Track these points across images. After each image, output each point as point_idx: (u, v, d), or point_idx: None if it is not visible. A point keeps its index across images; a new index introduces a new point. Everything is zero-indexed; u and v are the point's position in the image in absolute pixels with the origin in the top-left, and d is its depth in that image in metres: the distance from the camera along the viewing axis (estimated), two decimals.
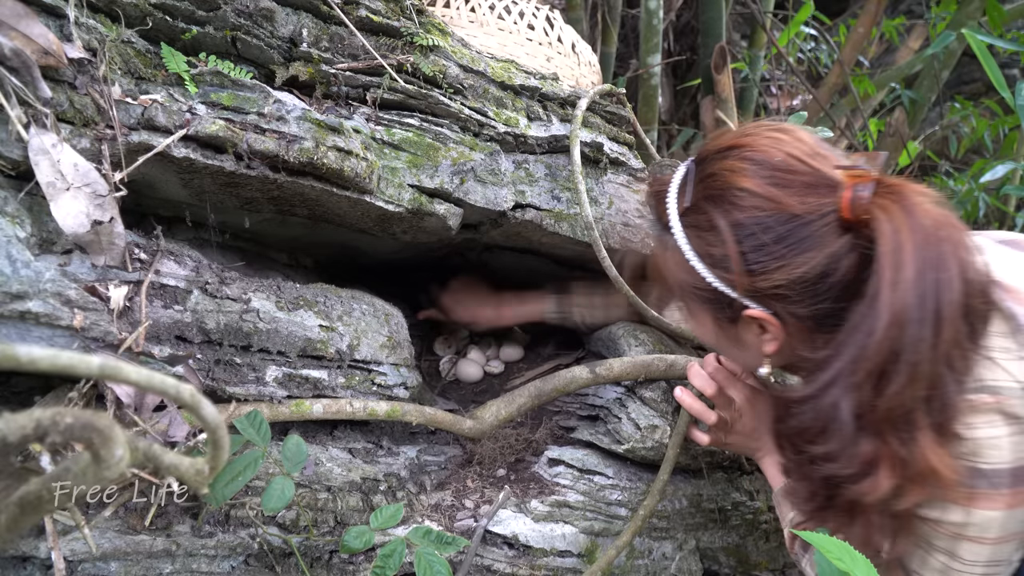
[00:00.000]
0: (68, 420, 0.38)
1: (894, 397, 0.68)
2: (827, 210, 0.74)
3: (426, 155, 1.03)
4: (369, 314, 1.02)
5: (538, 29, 1.34)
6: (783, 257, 0.74)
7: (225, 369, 0.87)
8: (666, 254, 0.85)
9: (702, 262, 0.80)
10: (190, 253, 0.92)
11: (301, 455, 0.84)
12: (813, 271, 0.74)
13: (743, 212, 0.76)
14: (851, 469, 0.71)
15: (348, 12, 1.02)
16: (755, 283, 0.76)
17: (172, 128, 0.84)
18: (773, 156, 0.77)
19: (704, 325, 0.88)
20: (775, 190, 0.75)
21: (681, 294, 0.87)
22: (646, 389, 1.16)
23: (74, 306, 0.76)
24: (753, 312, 0.79)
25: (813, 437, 0.73)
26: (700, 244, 0.80)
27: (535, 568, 1.02)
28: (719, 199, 0.78)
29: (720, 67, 2.16)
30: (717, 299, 0.81)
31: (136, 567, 0.81)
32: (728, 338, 0.86)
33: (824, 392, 0.72)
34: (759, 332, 0.82)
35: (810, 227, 0.74)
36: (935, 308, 0.67)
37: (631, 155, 1.30)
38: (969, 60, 2.95)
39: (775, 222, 0.74)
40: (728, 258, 0.77)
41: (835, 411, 0.70)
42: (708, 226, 0.79)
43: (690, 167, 0.84)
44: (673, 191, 0.84)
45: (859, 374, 0.69)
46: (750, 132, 0.80)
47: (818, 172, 0.76)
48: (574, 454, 1.14)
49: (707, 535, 1.21)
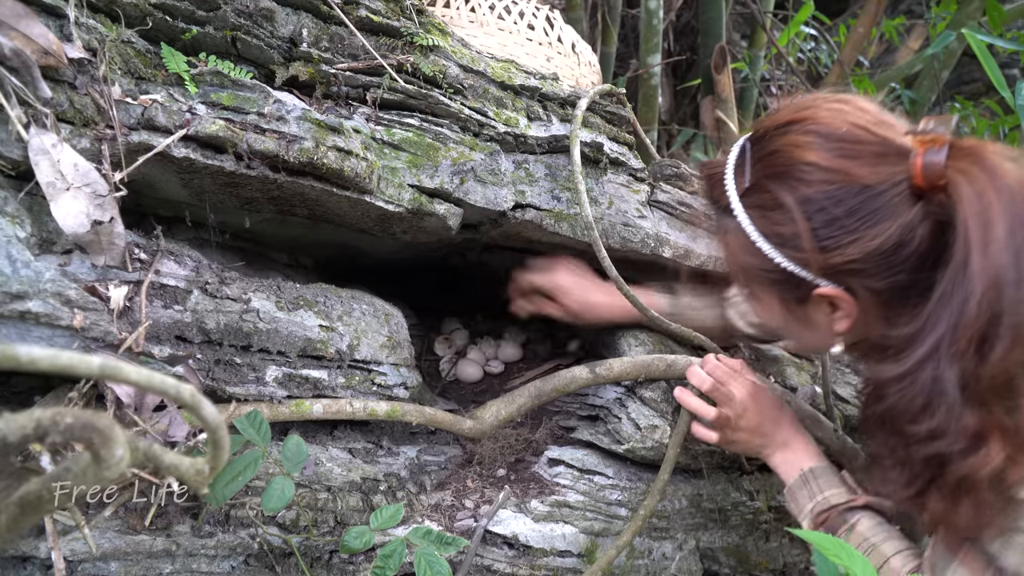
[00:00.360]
0: (68, 420, 0.38)
1: (998, 363, 0.65)
2: (899, 179, 0.72)
3: (426, 155, 1.03)
4: (369, 314, 1.02)
5: (538, 29, 1.34)
6: (856, 230, 0.72)
7: (225, 369, 0.87)
8: (727, 237, 0.83)
9: (769, 242, 0.78)
10: (190, 253, 0.92)
11: (301, 455, 0.84)
12: (888, 242, 0.72)
13: (811, 187, 0.74)
14: (960, 444, 0.68)
15: (348, 12, 1.02)
16: (828, 259, 0.74)
17: (172, 128, 0.84)
18: (838, 127, 0.74)
19: (770, 308, 0.85)
20: (844, 162, 0.73)
21: (745, 277, 0.85)
22: (646, 389, 1.16)
23: (74, 306, 0.76)
24: (825, 290, 0.77)
25: (915, 415, 0.70)
26: (766, 224, 0.78)
27: (535, 568, 1.02)
28: (784, 176, 0.76)
29: (720, 67, 2.16)
30: (786, 279, 0.79)
31: (136, 567, 0.81)
32: (797, 319, 0.84)
33: (922, 366, 0.69)
34: (830, 311, 0.80)
35: (882, 197, 0.72)
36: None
37: (631, 155, 1.30)
38: (969, 60, 2.95)
39: (846, 194, 0.72)
40: (798, 236, 0.75)
41: (938, 384, 0.68)
42: (774, 205, 0.76)
43: (745, 146, 0.82)
44: (730, 172, 0.82)
45: (960, 342, 0.66)
46: (809, 105, 0.78)
47: (886, 140, 0.74)
48: (574, 454, 1.15)
49: (707, 535, 1.21)
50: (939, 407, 0.68)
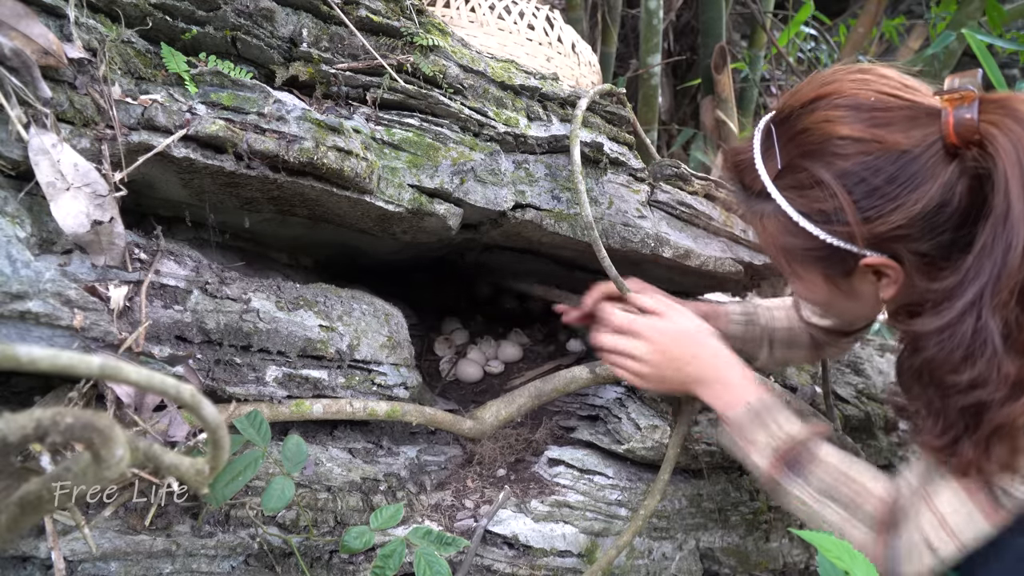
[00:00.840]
0: (68, 420, 0.38)
1: None
2: (933, 139, 0.72)
3: (426, 155, 1.03)
4: (369, 314, 1.02)
5: (538, 29, 1.34)
6: (898, 197, 0.72)
7: (225, 369, 0.87)
8: (763, 222, 0.83)
9: (811, 221, 0.78)
10: (190, 253, 0.92)
11: (301, 455, 0.84)
12: (931, 204, 0.72)
13: (848, 160, 0.74)
14: (1001, 392, 0.68)
15: (348, 12, 1.02)
16: (873, 229, 0.74)
17: (172, 128, 0.84)
18: (866, 97, 0.75)
19: (814, 285, 0.85)
20: (877, 131, 0.73)
21: (787, 259, 0.84)
22: None
23: (74, 306, 0.76)
24: (871, 260, 0.77)
25: (956, 366, 0.71)
26: (805, 203, 0.78)
27: (535, 568, 1.02)
28: (819, 153, 0.76)
29: (720, 67, 2.15)
30: (830, 255, 0.79)
31: (136, 567, 0.81)
32: (843, 293, 0.84)
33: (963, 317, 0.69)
34: (875, 280, 0.80)
35: (919, 160, 0.72)
36: None
37: (631, 155, 1.30)
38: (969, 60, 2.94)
39: (884, 163, 0.73)
40: (841, 210, 0.74)
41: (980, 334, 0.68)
42: (811, 183, 0.76)
43: (769, 128, 0.82)
44: (759, 156, 0.82)
45: (1003, 292, 0.67)
46: (832, 79, 0.78)
47: (915, 103, 0.74)
48: (574, 454, 1.15)
49: (707, 535, 1.21)
50: (980, 356, 0.68)
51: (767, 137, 0.81)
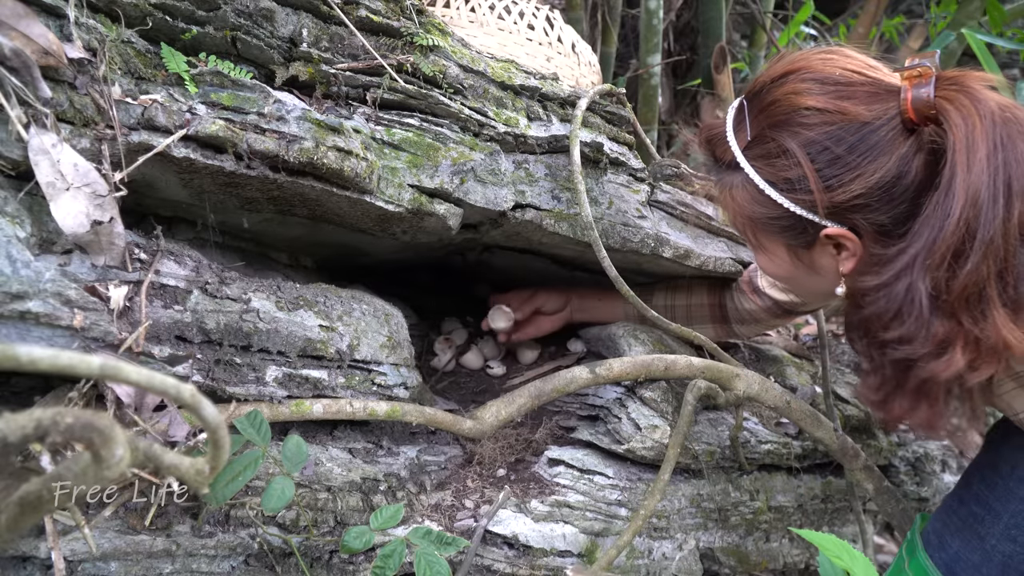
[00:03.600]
0: (68, 420, 0.38)
1: (969, 275, 0.70)
2: (892, 114, 0.76)
3: (426, 155, 1.03)
4: (369, 314, 1.02)
5: (538, 29, 1.34)
6: (858, 166, 0.76)
7: (225, 369, 0.87)
8: (732, 193, 0.87)
9: (776, 189, 0.81)
10: (190, 253, 0.92)
11: (301, 455, 0.84)
12: (888, 175, 0.76)
13: (812, 130, 0.78)
14: (926, 349, 0.73)
15: (348, 12, 1.02)
16: (834, 198, 0.78)
17: (172, 128, 0.84)
18: (831, 72, 0.79)
19: (778, 257, 0.89)
20: (840, 102, 0.77)
21: (753, 229, 0.88)
22: (646, 389, 1.16)
23: (74, 306, 0.76)
24: (832, 230, 0.80)
25: (888, 322, 0.75)
26: (772, 172, 0.81)
27: (535, 568, 1.02)
28: (785, 123, 0.79)
29: (720, 67, 2.15)
30: (794, 225, 0.83)
31: (136, 567, 0.81)
32: (804, 265, 0.88)
33: (898, 277, 0.74)
34: (835, 253, 0.83)
35: (879, 133, 0.76)
36: (1006, 184, 0.69)
37: (631, 155, 1.30)
38: (969, 60, 2.94)
39: (846, 132, 0.76)
40: (804, 178, 0.78)
41: (910, 293, 0.73)
42: (778, 152, 0.80)
43: (742, 103, 0.86)
44: (730, 129, 0.86)
45: (936, 255, 0.71)
46: (801, 57, 0.83)
47: (877, 80, 0.78)
48: (574, 454, 1.14)
49: (707, 535, 1.21)
50: (909, 315, 0.73)
51: (739, 111, 0.86)
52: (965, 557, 0.90)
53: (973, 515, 0.91)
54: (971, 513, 0.91)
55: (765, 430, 1.27)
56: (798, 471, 1.35)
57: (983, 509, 0.90)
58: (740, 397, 1.15)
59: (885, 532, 1.85)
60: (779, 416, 1.31)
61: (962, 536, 0.91)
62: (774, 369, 1.45)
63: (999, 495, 0.88)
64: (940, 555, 0.93)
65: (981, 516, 0.90)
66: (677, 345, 1.32)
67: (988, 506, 0.89)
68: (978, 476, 0.92)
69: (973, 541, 0.90)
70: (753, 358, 1.50)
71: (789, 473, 1.34)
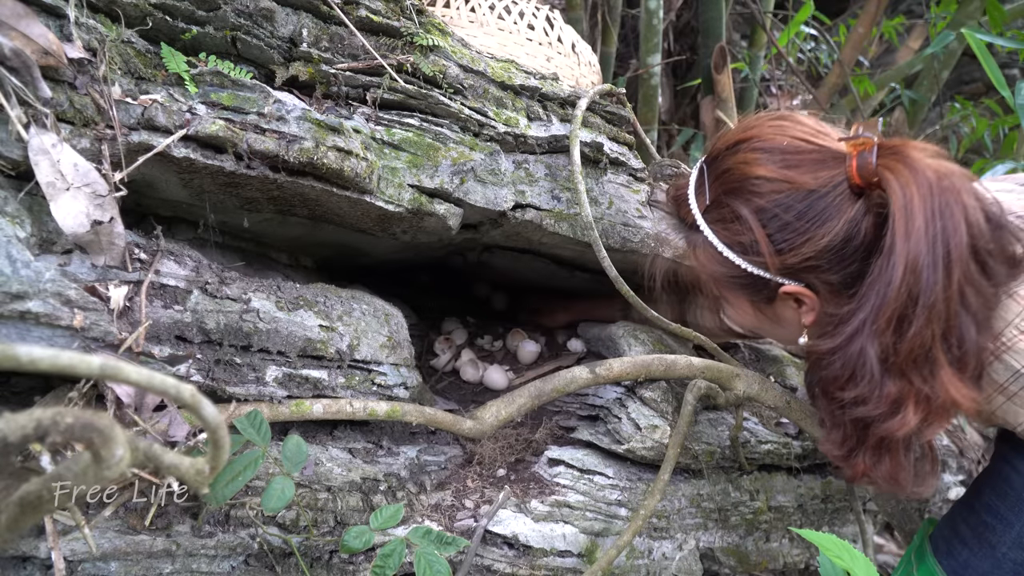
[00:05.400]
0: (68, 420, 0.38)
1: (914, 338, 0.73)
2: (838, 180, 0.79)
3: (426, 155, 1.03)
4: (369, 314, 1.02)
5: (538, 29, 1.34)
6: (807, 231, 0.80)
7: (225, 369, 0.87)
8: (696, 251, 0.91)
9: (733, 251, 0.85)
10: (190, 253, 0.92)
11: (301, 455, 0.84)
12: (837, 238, 0.79)
13: (762, 198, 0.81)
14: (880, 409, 0.76)
15: (348, 12, 1.02)
16: (786, 260, 0.82)
17: (172, 128, 0.84)
18: (780, 142, 0.82)
19: (742, 310, 0.93)
20: (788, 172, 0.80)
21: (717, 285, 0.92)
22: (646, 389, 1.16)
23: (74, 306, 0.76)
24: (789, 288, 0.84)
25: (844, 384, 0.79)
26: (728, 235, 0.85)
27: (535, 568, 1.02)
28: (738, 191, 0.83)
29: (720, 67, 2.15)
30: (753, 283, 0.87)
31: (136, 567, 0.81)
32: (767, 318, 0.92)
33: (850, 341, 0.77)
34: (796, 306, 0.87)
35: (826, 199, 0.79)
36: (945, 252, 0.72)
37: (631, 155, 1.30)
38: (969, 60, 2.94)
39: (794, 200, 0.80)
40: (757, 243, 0.82)
41: (862, 357, 0.76)
42: (732, 217, 0.84)
43: (702, 167, 0.90)
44: (692, 192, 0.90)
45: (881, 321, 0.74)
46: (753, 124, 0.86)
47: (824, 148, 0.82)
48: (574, 454, 1.14)
49: (707, 535, 1.21)
50: (862, 377, 0.76)
51: (700, 175, 0.90)
52: (975, 565, 0.91)
53: (984, 524, 0.92)
54: (982, 522, 0.92)
55: (765, 430, 1.27)
56: (798, 471, 1.35)
57: (994, 519, 0.91)
58: (740, 397, 1.15)
59: (885, 532, 1.85)
60: (779, 416, 1.31)
61: (972, 544, 0.92)
62: (774, 369, 1.45)
63: (1011, 505, 0.89)
64: (949, 562, 0.94)
65: (992, 525, 0.91)
66: (677, 345, 1.32)
67: (1000, 515, 0.90)
68: (989, 487, 0.93)
69: (983, 549, 0.91)
70: (753, 358, 1.50)
71: (789, 473, 1.34)
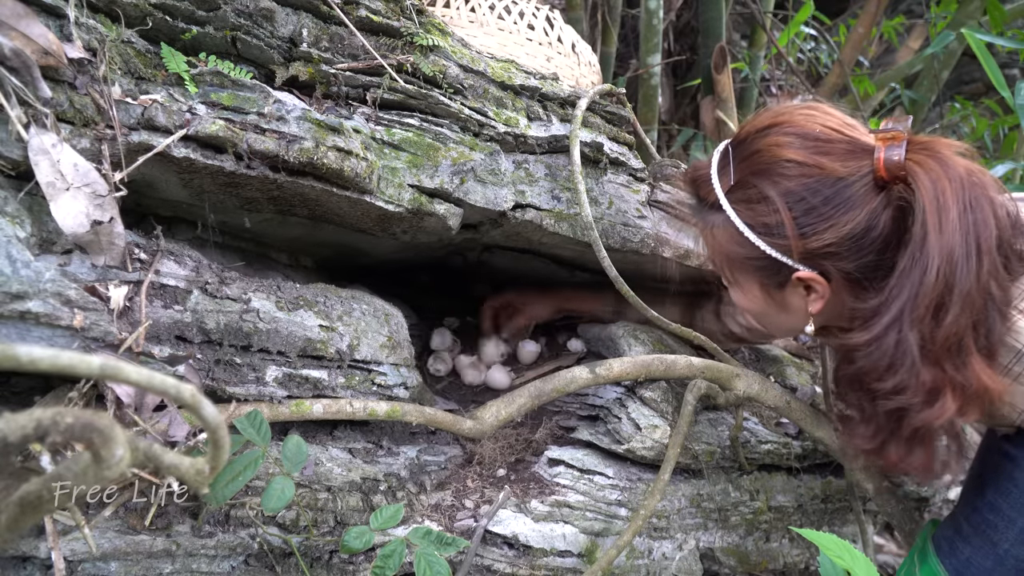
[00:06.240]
0: (68, 420, 0.38)
1: (950, 326, 0.75)
2: (865, 171, 0.81)
3: (426, 155, 1.03)
4: (369, 314, 1.02)
5: (538, 29, 1.34)
6: (831, 217, 0.82)
7: (225, 369, 0.87)
8: (713, 231, 0.92)
9: (755, 232, 0.86)
10: (190, 253, 0.92)
11: (301, 455, 0.84)
12: (858, 227, 0.81)
13: (791, 181, 0.83)
14: (919, 397, 0.77)
15: (348, 12, 1.02)
16: (807, 244, 0.83)
17: (172, 128, 0.84)
18: (812, 128, 0.84)
19: (752, 294, 0.94)
20: (818, 158, 0.82)
21: (730, 266, 0.93)
22: (646, 389, 1.16)
23: (74, 306, 0.76)
24: (803, 274, 0.86)
25: (882, 374, 0.80)
26: (752, 216, 0.86)
27: (535, 568, 1.02)
28: (767, 172, 0.85)
29: (720, 67, 2.15)
30: (769, 266, 0.88)
31: (136, 567, 0.81)
32: (776, 303, 0.93)
33: (888, 330, 0.78)
34: (805, 294, 0.89)
35: (852, 188, 0.81)
36: (976, 244, 0.75)
37: (631, 155, 1.30)
38: (969, 60, 2.94)
39: (822, 186, 0.82)
40: (782, 224, 0.84)
41: (902, 346, 0.77)
42: (759, 198, 0.85)
43: (727, 149, 0.91)
44: (715, 172, 0.91)
45: (920, 309, 0.76)
46: (784, 111, 0.88)
47: (853, 139, 0.84)
48: (574, 454, 1.14)
49: (707, 535, 1.21)
50: (901, 366, 0.78)
51: (724, 156, 0.91)
52: (977, 563, 0.91)
53: (986, 522, 0.92)
54: (984, 520, 0.93)
55: (765, 430, 1.27)
56: (798, 471, 1.35)
57: (996, 516, 0.91)
58: (740, 397, 1.15)
59: (885, 532, 1.85)
60: (779, 416, 1.31)
61: (974, 541, 0.93)
62: (774, 369, 1.45)
63: (1013, 502, 0.90)
64: (951, 561, 0.95)
65: (994, 523, 0.91)
66: (677, 345, 1.32)
67: (1002, 513, 0.91)
68: (992, 486, 0.94)
69: (985, 547, 0.91)
70: (753, 358, 1.50)
71: (789, 473, 1.34)
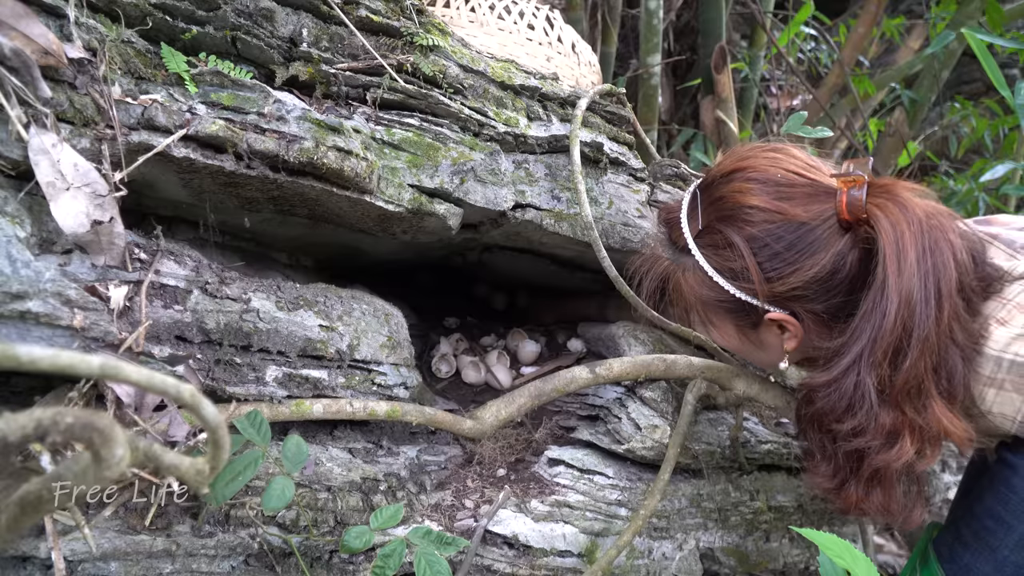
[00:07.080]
0: (68, 420, 0.38)
1: (909, 370, 0.75)
2: (828, 214, 0.82)
3: (426, 155, 1.03)
4: (369, 314, 1.02)
5: (538, 29, 1.34)
6: (795, 262, 0.82)
7: (225, 369, 0.87)
8: (685, 275, 0.92)
9: (723, 276, 0.87)
10: (190, 253, 0.92)
11: (301, 455, 0.84)
12: (824, 270, 0.81)
13: (755, 227, 0.83)
14: (878, 440, 0.78)
15: (348, 12, 1.02)
16: (774, 288, 0.84)
17: (172, 128, 0.84)
18: (774, 174, 0.85)
19: (727, 333, 0.95)
20: (781, 203, 0.83)
21: (704, 308, 0.94)
22: (646, 389, 1.16)
23: (74, 306, 0.76)
24: (774, 315, 0.86)
25: (840, 415, 0.80)
26: (719, 261, 0.87)
27: (535, 568, 1.02)
28: (731, 218, 0.85)
29: (720, 67, 2.16)
30: (739, 308, 0.89)
31: (136, 567, 0.80)
32: (751, 342, 0.94)
33: (847, 373, 0.79)
34: (779, 332, 0.89)
35: (815, 232, 0.82)
36: (936, 288, 0.75)
37: (631, 155, 1.30)
38: (969, 60, 2.94)
39: (785, 231, 0.82)
40: (747, 270, 0.84)
41: (860, 388, 0.78)
42: (724, 244, 0.86)
43: (696, 193, 0.92)
44: (684, 217, 0.91)
45: (877, 353, 0.76)
46: (749, 154, 0.89)
47: (816, 182, 0.84)
48: (574, 454, 1.14)
49: (707, 535, 1.21)
50: (860, 408, 0.78)
51: (692, 200, 0.92)
52: (976, 568, 0.92)
53: (986, 528, 0.93)
54: (983, 527, 0.93)
55: (765, 430, 1.27)
56: (798, 471, 1.35)
57: (996, 523, 0.92)
58: (740, 397, 1.15)
59: (885, 532, 1.85)
60: (779, 416, 1.31)
61: (973, 547, 0.93)
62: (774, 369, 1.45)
63: (1013, 509, 0.90)
64: (950, 567, 0.95)
65: (993, 529, 0.91)
66: (677, 345, 1.32)
67: (1001, 520, 0.91)
68: (991, 492, 0.94)
69: (984, 553, 0.92)
70: None
71: (789, 473, 1.34)
